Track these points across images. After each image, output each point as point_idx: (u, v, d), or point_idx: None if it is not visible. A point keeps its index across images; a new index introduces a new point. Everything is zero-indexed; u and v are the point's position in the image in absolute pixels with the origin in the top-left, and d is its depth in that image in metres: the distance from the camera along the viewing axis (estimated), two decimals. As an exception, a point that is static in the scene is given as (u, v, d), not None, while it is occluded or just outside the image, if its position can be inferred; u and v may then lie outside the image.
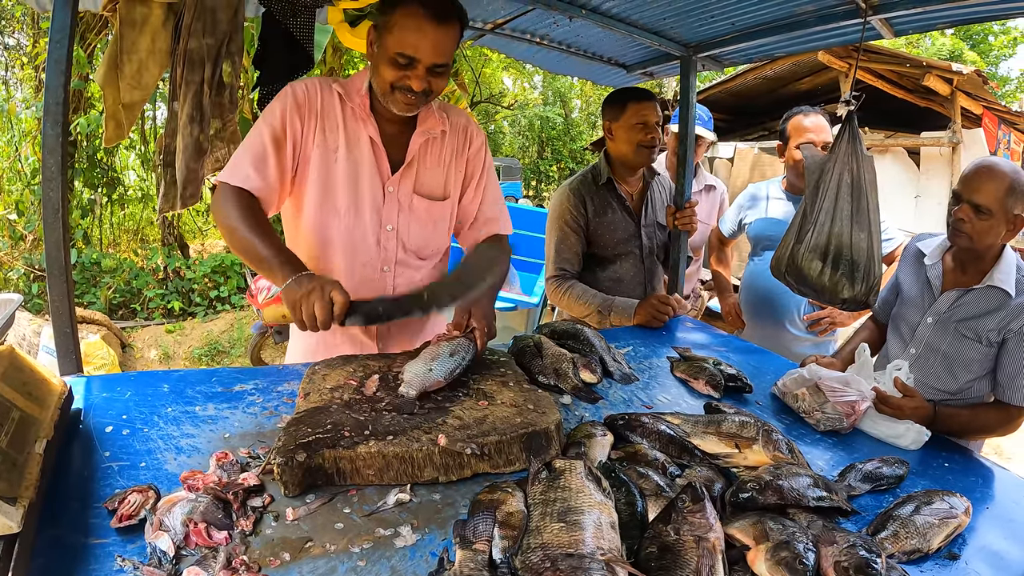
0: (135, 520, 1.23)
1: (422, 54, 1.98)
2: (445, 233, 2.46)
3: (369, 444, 1.46)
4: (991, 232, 2.39)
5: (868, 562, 1.23)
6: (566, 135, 34.03)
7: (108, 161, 9.66)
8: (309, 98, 2.16)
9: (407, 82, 2.02)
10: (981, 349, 2.45)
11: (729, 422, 1.79)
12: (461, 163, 2.41)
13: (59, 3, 1.95)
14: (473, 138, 2.43)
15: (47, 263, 1.99)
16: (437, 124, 2.30)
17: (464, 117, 2.45)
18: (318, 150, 2.18)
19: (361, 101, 2.19)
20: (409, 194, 2.29)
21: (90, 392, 1.77)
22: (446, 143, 2.36)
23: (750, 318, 3.84)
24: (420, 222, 2.34)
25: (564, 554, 1.13)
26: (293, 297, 1.80)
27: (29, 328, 6.31)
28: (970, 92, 8.75)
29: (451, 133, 2.37)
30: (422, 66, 2.00)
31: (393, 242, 2.30)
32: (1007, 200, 2.34)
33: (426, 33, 1.96)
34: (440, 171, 2.36)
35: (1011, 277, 2.43)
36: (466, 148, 2.41)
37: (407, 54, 1.98)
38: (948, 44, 27.39)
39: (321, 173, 2.19)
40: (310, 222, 2.24)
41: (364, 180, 2.22)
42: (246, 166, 2.08)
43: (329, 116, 2.19)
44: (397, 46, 1.98)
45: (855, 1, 2.62)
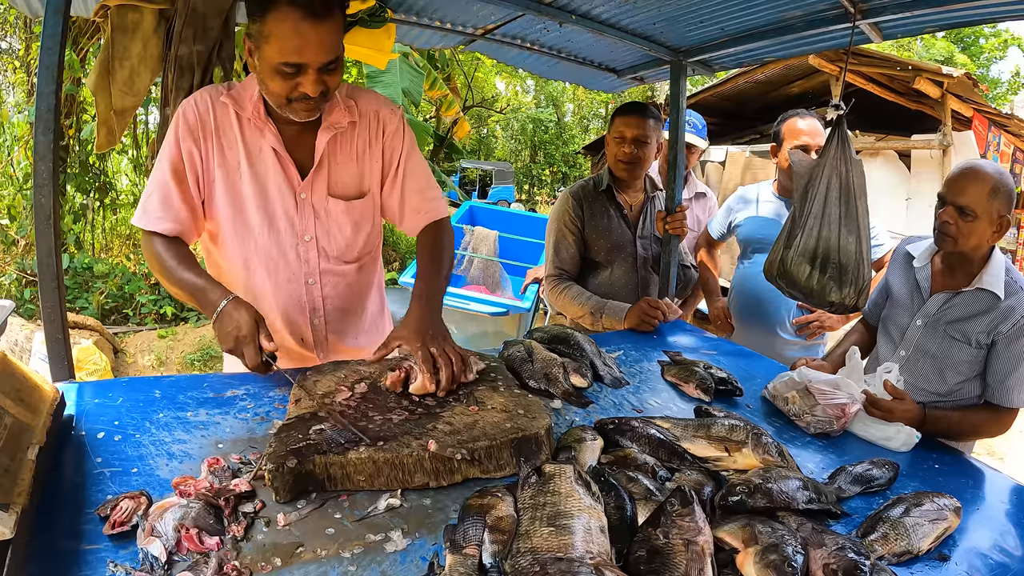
0: (127, 527, 1.23)
1: (308, 57, 1.82)
2: (370, 233, 2.32)
3: (360, 450, 1.46)
4: (975, 234, 2.40)
5: (856, 564, 1.24)
6: (558, 139, 34.10)
7: (100, 166, 9.64)
8: (200, 117, 2.03)
9: (300, 90, 1.87)
10: (970, 351, 2.47)
11: (719, 425, 1.80)
12: (376, 152, 2.24)
13: (51, 9, 1.94)
14: (386, 122, 2.24)
15: (39, 270, 1.98)
16: (343, 116, 2.14)
17: (376, 100, 2.27)
18: (220, 171, 2.07)
19: (255, 109, 2.04)
20: (324, 198, 2.17)
21: (82, 398, 1.76)
22: (357, 133, 2.20)
23: (739, 322, 3.84)
24: (339, 226, 2.22)
25: (553, 558, 1.13)
26: (224, 344, 1.83)
27: (21, 334, 6.28)
28: (960, 95, 8.79)
29: (361, 122, 2.20)
30: (312, 69, 1.84)
31: (314, 252, 2.20)
32: (990, 201, 2.36)
33: (306, 34, 1.78)
34: (354, 166, 2.22)
35: (1000, 280, 2.44)
36: (379, 134, 2.24)
37: (291, 61, 1.81)
38: (939, 47, 27.50)
39: (228, 193, 2.09)
40: (227, 245, 2.16)
41: (272, 192, 2.11)
42: (155, 208, 2.01)
43: (226, 132, 2.05)
44: (278, 55, 1.81)
45: (844, 5, 2.63)
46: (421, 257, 2.27)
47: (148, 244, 2.03)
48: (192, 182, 2.05)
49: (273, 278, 2.18)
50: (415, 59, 9.10)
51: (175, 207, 2.02)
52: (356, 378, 1.87)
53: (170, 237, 2.02)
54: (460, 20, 3.47)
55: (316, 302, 2.26)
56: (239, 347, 1.78)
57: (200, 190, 2.08)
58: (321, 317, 2.29)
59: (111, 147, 3.16)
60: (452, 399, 1.78)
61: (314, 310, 2.27)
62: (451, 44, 3.92)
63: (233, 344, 1.79)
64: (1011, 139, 10.57)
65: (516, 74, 28.15)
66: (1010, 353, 2.39)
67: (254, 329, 1.80)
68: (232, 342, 1.79)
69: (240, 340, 1.78)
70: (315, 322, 2.28)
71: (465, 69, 19.72)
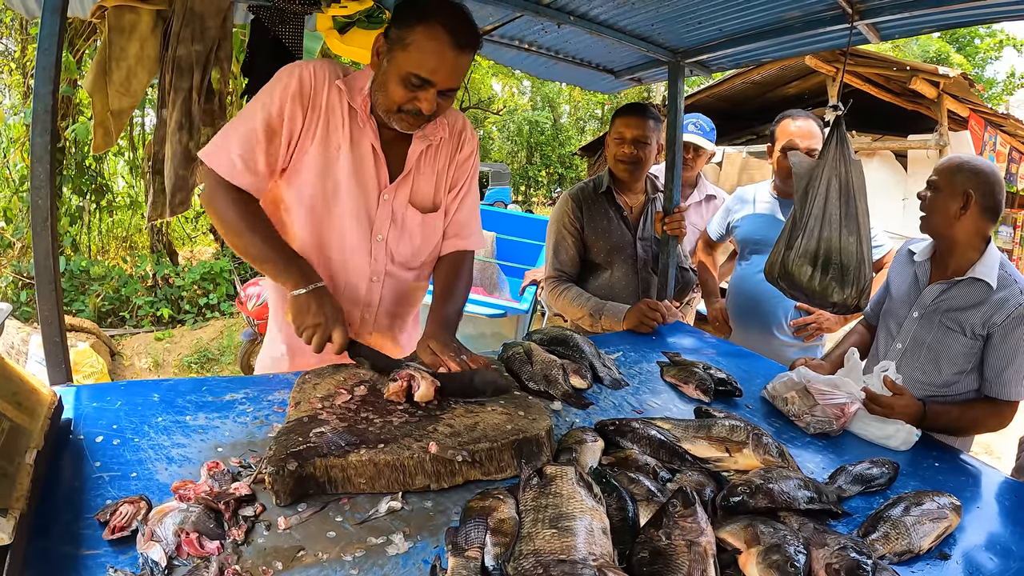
0: (127, 532, 1.23)
1: (439, 78, 1.89)
2: (435, 246, 2.38)
3: (360, 452, 1.45)
4: (939, 207, 2.52)
5: (859, 563, 1.24)
6: (555, 140, 34.08)
7: (97, 168, 9.62)
8: (315, 88, 2.04)
9: (417, 104, 1.93)
10: (966, 341, 2.48)
11: (719, 426, 1.80)
12: (451, 169, 2.33)
13: (47, 10, 1.92)
14: (465, 143, 2.34)
15: (36, 272, 1.96)
16: (437, 130, 2.21)
17: (461, 119, 2.35)
18: (319, 147, 2.07)
19: (363, 103, 2.08)
20: (404, 204, 2.21)
21: (80, 402, 1.75)
22: (441, 149, 2.27)
23: (737, 323, 3.84)
24: (411, 234, 2.27)
25: (556, 560, 1.13)
26: (299, 320, 1.88)
27: (18, 336, 6.27)
28: (956, 95, 8.82)
29: (448, 138, 2.28)
30: (435, 89, 1.91)
31: (382, 252, 2.23)
32: (956, 176, 2.48)
33: (446, 58, 1.87)
34: (433, 179, 2.28)
35: (993, 271, 2.47)
36: (457, 153, 2.32)
37: (422, 76, 1.88)
38: (935, 47, 27.55)
39: (321, 173, 2.09)
40: (302, 222, 2.15)
41: (363, 186, 2.13)
42: (232, 151, 1.97)
43: (334, 112, 2.07)
44: (413, 66, 1.87)
45: (841, 6, 2.63)
46: (441, 280, 2.35)
47: (218, 195, 1.99)
48: (284, 143, 2.03)
49: (340, 268, 2.21)
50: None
51: (256, 162, 2.00)
52: (355, 381, 1.87)
53: (244, 194, 2.01)
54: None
55: (374, 299, 2.30)
56: (329, 325, 1.85)
57: (287, 156, 2.06)
58: (373, 314, 2.33)
59: (108, 148, 3.16)
60: (452, 401, 1.78)
61: (368, 306, 2.31)
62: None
63: (322, 319, 1.85)
64: (1007, 139, 10.61)
65: (512, 75, 28.14)
66: (1006, 346, 2.40)
67: (342, 316, 1.90)
68: (321, 317, 1.85)
69: (331, 319, 1.86)
70: (365, 317, 2.32)
71: (461, 70, 19.73)
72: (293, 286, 1.90)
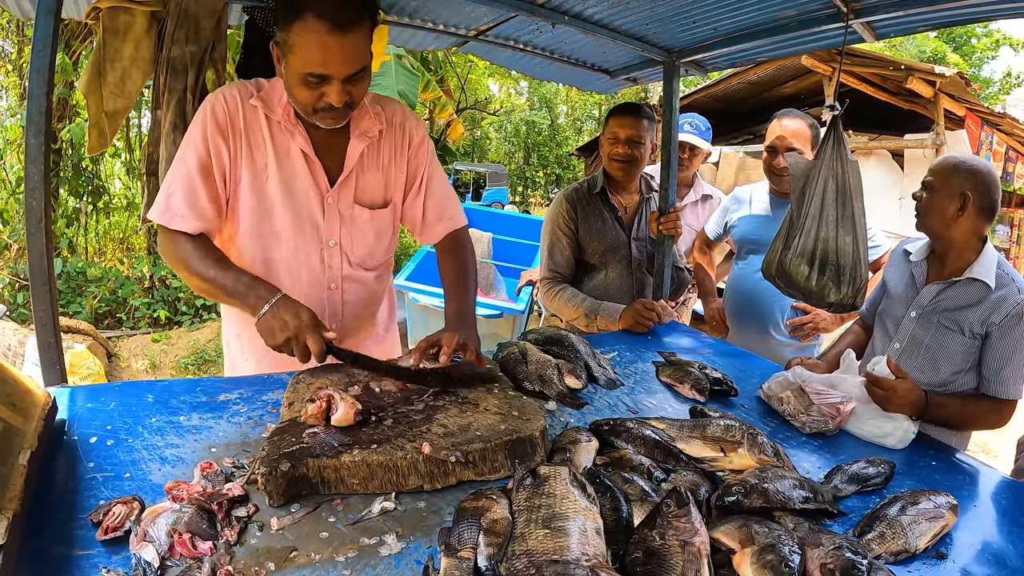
0: (120, 532, 1.23)
1: (332, 69, 1.82)
2: (390, 242, 2.37)
3: (353, 453, 1.45)
4: (936, 208, 2.51)
5: (854, 563, 1.23)
6: (552, 140, 34.11)
7: (93, 169, 9.61)
8: (230, 115, 2.01)
9: (325, 100, 1.88)
10: (964, 341, 2.48)
11: (714, 426, 1.80)
12: (402, 163, 2.28)
13: (42, 11, 1.92)
14: (412, 133, 2.28)
15: (31, 274, 1.96)
16: (373, 124, 2.17)
17: (400, 111, 2.29)
18: (247, 171, 2.05)
19: (285, 111, 2.04)
20: (350, 204, 2.18)
21: (74, 402, 1.76)
22: (383, 143, 2.22)
23: (734, 323, 3.84)
24: (363, 233, 2.24)
25: (549, 560, 1.13)
26: (271, 340, 1.83)
27: (14, 338, 6.26)
28: (953, 94, 8.82)
29: (388, 131, 2.23)
30: (336, 80, 1.85)
31: (337, 258, 2.21)
32: (952, 177, 2.47)
33: (331, 47, 1.78)
34: (380, 175, 2.24)
35: (991, 271, 2.47)
36: (405, 145, 2.27)
37: (316, 72, 1.82)
38: (931, 47, 27.58)
39: (255, 195, 2.07)
40: (249, 246, 2.14)
41: (300, 196, 2.10)
42: (177, 204, 1.98)
43: (254, 132, 2.04)
44: (303, 66, 1.82)
45: (836, 5, 2.63)
46: (446, 273, 2.32)
47: (171, 243, 2.00)
48: (219, 179, 2.02)
49: (296, 281, 2.17)
50: (409, 61, 9.09)
51: (201, 204, 1.99)
52: (348, 381, 1.86)
53: (194, 235, 2.00)
54: (453, 21, 3.47)
55: (336, 307, 2.28)
56: (301, 335, 1.79)
57: (226, 188, 2.05)
58: (339, 322, 2.31)
59: (102, 150, 3.15)
60: (446, 401, 1.78)
61: (333, 314, 2.28)
62: (444, 45, 3.91)
63: (294, 332, 1.79)
64: (1004, 138, 10.62)
65: (509, 76, 28.17)
66: (1004, 344, 2.41)
67: (314, 318, 1.83)
68: (291, 331, 1.79)
69: (302, 328, 1.79)
70: (333, 327, 2.26)
71: (458, 71, 19.73)
72: (254, 309, 1.86)
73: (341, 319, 2.30)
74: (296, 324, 1.80)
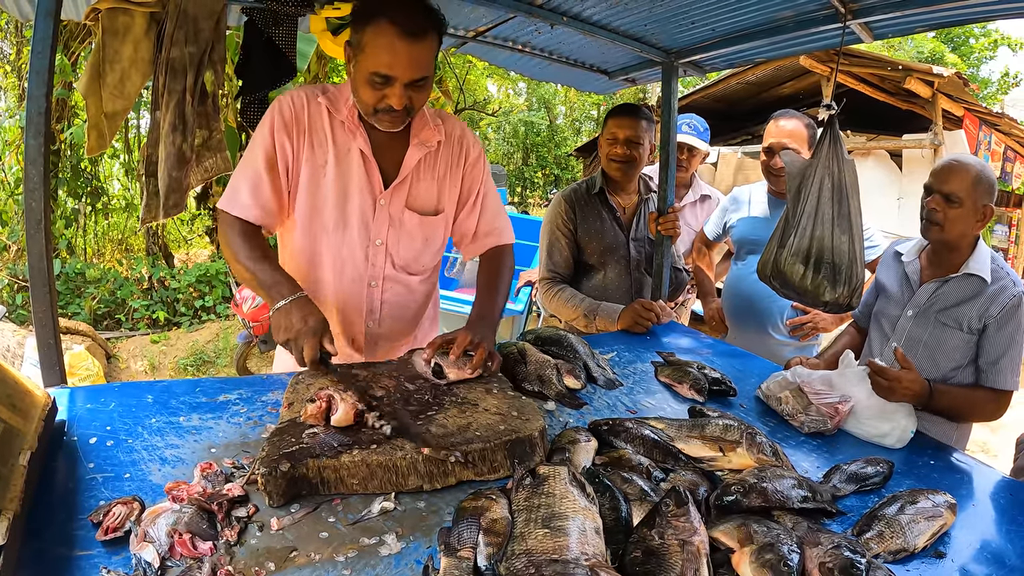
0: (120, 532, 1.23)
1: (397, 72, 1.92)
2: (436, 249, 2.42)
3: (353, 453, 1.46)
4: (961, 220, 2.47)
5: (852, 562, 1.24)
6: (551, 141, 34.05)
7: (92, 171, 9.60)
8: (296, 113, 2.12)
9: (386, 101, 1.97)
10: (963, 336, 2.50)
11: (713, 426, 1.80)
12: (457, 176, 2.35)
13: (41, 13, 1.92)
14: (469, 149, 2.37)
15: (30, 275, 1.96)
16: (432, 135, 2.25)
17: (459, 126, 2.38)
18: (307, 166, 2.15)
19: (349, 112, 2.14)
20: (401, 208, 2.25)
21: (74, 403, 1.76)
22: (440, 155, 2.30)
23: (733, 323, 3.85)
24: (410, 237, 2.30)
25: (549, 560, 1.13)
26: (276, 334, 1.89)
27: (13, 339, 6.25)
28: (951, 94, 8.83)
29: (446, 144, 2.31)
30: (399, 84, 1.94)
31: (381, 257, 2.27)
32: (975, 189, 2.44)
33: (399, 51, 1.89)
34: (434, 184, 2.31)
35: (986, 265, 2.50)
36: (462, 160, 2.35)
37: (382, 73, 1.92)
38: (929, 47, 27.58)
39: (310, 189, 2.17)
40: (300, 238, 2.24)
41: (354, 195, 2.18)
42: (243, 194, 2.09)
43: (317, 130, 2.14)
44: (371, 65, 1.92)
45: (834, 5, 2.63)
46: (481, 279, 2.37)
47: (229, 228, 2.09)
48: (283, 174, 2.13)
49: (338, 275, 2.25)
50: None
51: (265, 196, 2.11)
52: (348, 382, 1.87)
53: (251, 226, 2.10)
54: (452, 22, 3.46)
55: (375, 304, 2.33)
56: (300, 338, 1.80)
57: (288, 182, 2.16)
58: (376, 321, 2.35)
59: (101, 151, 3.14)
60: (446, 401, 1.78)
61: (371, 312, 2.33)
62: (443, 46, 3.91)
63: (295, 335, 1.81)
64: (1002, 138, 10.62)
65: (508, 76, 28.10)
66: (1000, 336, 2.43)
67: (320, 326, 1.84)
68: (293, 332, 1.82)
69: (303, 332, 1.81)
70: (369, 324, 2.34)
71: (457, 72, 19.71)
72: (273, 303, 1.91)
73: (378, 317, 2.35)
74: (300, 327, 1.82)
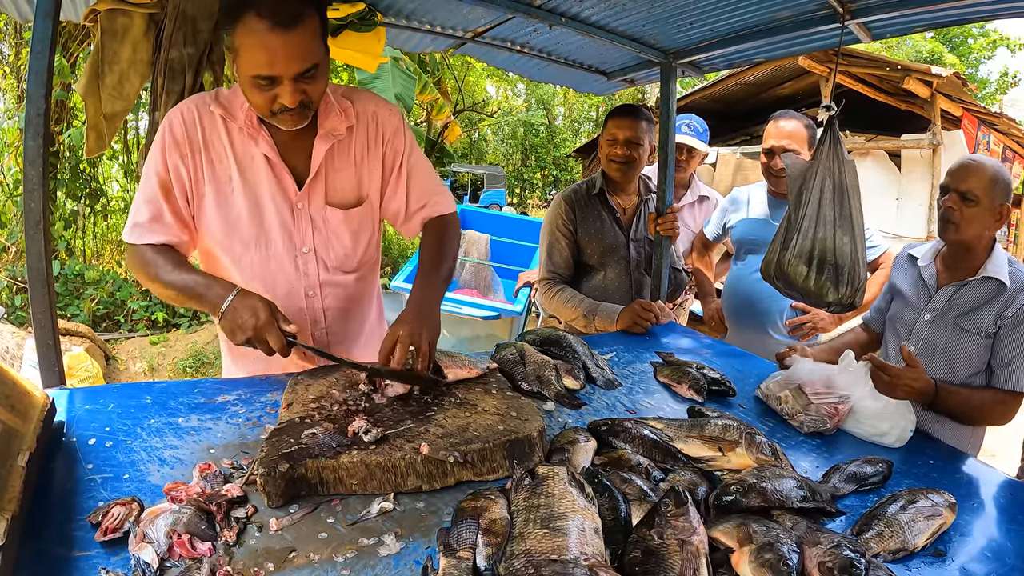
0: (119, 533, 1.23)
1: (279, 70, 1.74)
2: (369, 241, 2.27)
3: (352, 453, 1.46)
4: (978, 219, 2.46)
5: (852, 562, 1.23)
6: (549, 142, 34.11)
7: (91, 172, 9.60)
8: (187, 130, 1.95)
9: (279, 101, 1.79)
10: (981, 341, 2.49)
11: (712, 426, 1.80)
12: (376, 156, 2.18)
13: (40, 14, 1.92)
14: (384, 124, 2.17)
15: (29, 276, 1.96)
16: (340, 122, 2.07)
17: (373, 101, 2.19)
18: (210, 186, 2.00)
19: (247, 116, 1.96)
20: (322, 207, 2.11)
21: (72, 404, 1.76)
22: (355, 138, 2.13)
23: (732, 323, 3.85)
24: (338, 236, 2.16)
25: (548, 560, 1.13)
26: (233, 337, 1.79)
27: (12, 340, 6.26)
28: (950, 94, 8.84)
29: (359, 126, 2.13)
30: (287, 80, 1.76)
31: (313, 264, 2.15)
32: (992, 188, 2.43)
33: (274, 46, 1.70)
34: (352, 172, 2.15)
35: (1004, 268, 2.49)
36: (379, 138, 2.17)
37: (263, 74, 1.74)
38: (928, 47, 27.61)
39: (220, 209, 2.02)
40: (220, 261, 2.11)
41: (267, 204, 2.04)
42: (143, 222, 1.97)
43: (213, 143, 1.98)
44: (250, 68, 1.74)
45: (832, 6, 2.64)
46: (422, 254, 2.21)
47: (135, 254, 1.99)
48: (180, 197, 1.99)
49: (272, 292, 2.09)
50: (406, 64, 9.09)
51: (167, 222, 1.98)
52: (348, 383, 1.87)
53: (158, 246, 1.98)
54: (450, 23, 3.47)
55: (317, 314, 2.22)
56: (260, 334, 1.75)
57: (190, 205, 2.02)
58: (323, 329, 2.25)
59: (100, 152, 3.15)
60: (445, 401, 1.78)
61: (315, 322, 2.23)
62: (441, 47, 3.92)
63: (252, 332, 1.75)
64: (1000, 138, 10.63)
65: (506, 77, 28.15)
66: (1013, 336, 2.41)
67: (271, 314, 1.78)
68: (251, 331, 1.75)
69: (260, 327, 1.75)
70: (316, 334, 2.24)
71: (455, 73, 19.72)
72: (215, 308, 1.82)
73: (324, 325, 2.25)
74: (254, 323, 1.75)
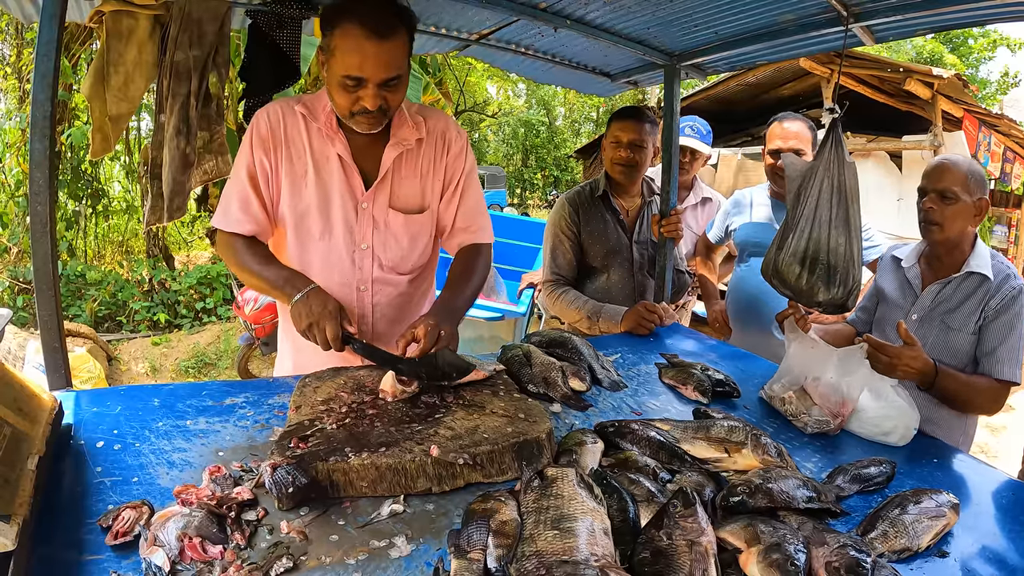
0: (130, 537, 1.23)
1: (368, 73, 1.92)
2: (425, 247, 2.40)
3: (362, 456, 1.46)
4: (959, 216, 2.51)
5: (859, 562, 1.24)
6: (550, 143, 34.07)
7: (92, 172, 9.61)
8: (272, 128, 2.15)
9: (361, 104, 1.98)
10: (968, 338, 2.52)
11: (718, 427, 1.81)
12: (440, 170, 2.34)
13: (46, 17, 1.94)
14: (452, 142, 2.35)
15: (35, 278, 1.97)
16: (411, 133, 2.24)
17: (443, 120, 2.38)
18: (288, 179, 2.19)
19: (327, 119, 2.16)
20: (384, 209, 2.26)
21: (80, 407, 1.76)
22: (423, 152, 2.30)
23: (736, 324, 3.85)
24: (396, 238, 2.30)
25: (559, 561, 1.14)
26: (298, 325, 1.96)
27: (14, 342, 6.25)
28: (951, 95, 8.83)
29: (428, 140, 2.30)
30: (372, 85, 1.95)
31: (368, 260, 2.28)
32: (968, 184, 2.49)
33: (367, 52, 1.89)
34: (416, 182, 2.30)
35: (987, 262, 2.53)
36: (445, 153, 2.34)
37: (353, 75, 1.93)
38: (928, 48, 27.59)
39: (293, 200, 2.20)
40: (289, 247, 2.27)
41: (335, 201, 2.20)
42: (234, 211, 2.17)
43: (295, 142, 2.17)
44: (342, 69, 1.93)
45: (836, 9, 2.64)
46: (452, 271, 2.36)
47: (228, 243, 2.20)
48: (264, 187, 2.19)
49: (326, 281, 2.19)
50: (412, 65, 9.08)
51: (254, 211, 2.18)
52: (356, 384, 1.87)
53: (247, 237, 2.19)
54: (456, 25, 3.47)
55: (366, 309, 2.32)
56: (321, 321, 1.91)
57: (272, 195, 2.21)
58: (369, 324, 2.35)
59: (106, 154, 3.15)
60: (453, 404, 1.79)
61: (362, 317, 2.33)
62: (447, 49, 3.92)
63: (316, 318, 1.93)
64: (1001, 139, 10.62)
65: (507, 78, 28.13)
66: (997, 324, 2.45)
67: (338, 309, 1.96)
68: (314, 316, 1.93)
69: (323, 314, 1.93)
70: (362, 329, 2.32)
71: (457, 73, 19.71)
72: (288, 298, 2.00)
73: (371, 321, 2.34)
74: (320, 311, 1.93)
